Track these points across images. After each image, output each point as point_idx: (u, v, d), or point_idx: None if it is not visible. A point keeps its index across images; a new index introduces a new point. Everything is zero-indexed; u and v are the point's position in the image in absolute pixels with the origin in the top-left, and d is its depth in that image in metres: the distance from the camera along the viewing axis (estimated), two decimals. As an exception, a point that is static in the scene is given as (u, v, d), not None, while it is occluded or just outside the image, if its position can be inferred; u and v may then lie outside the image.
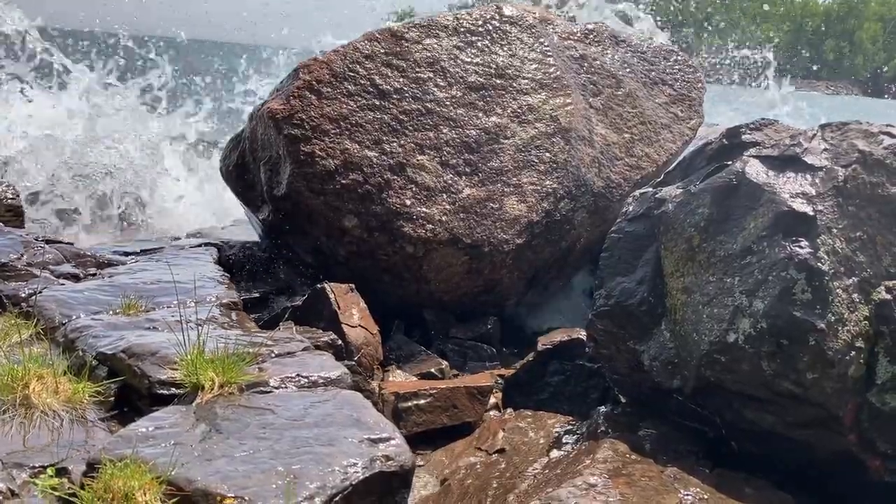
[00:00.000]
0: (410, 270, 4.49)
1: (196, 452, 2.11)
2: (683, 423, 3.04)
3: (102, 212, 6.54)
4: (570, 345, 3.99)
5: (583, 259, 5.14)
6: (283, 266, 4.90)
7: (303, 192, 4.44)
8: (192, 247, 4.80)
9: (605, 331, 3.25)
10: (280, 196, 4.56)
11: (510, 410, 3.86)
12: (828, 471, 2.80)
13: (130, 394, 2.62)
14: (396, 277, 4.52)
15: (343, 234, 4.45)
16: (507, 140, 4.72)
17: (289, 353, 2.87)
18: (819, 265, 2.68)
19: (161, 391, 2.53)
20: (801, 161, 2.92)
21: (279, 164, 4.58)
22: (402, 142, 4.55)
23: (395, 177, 4.47)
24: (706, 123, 5.80)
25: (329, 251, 4.56)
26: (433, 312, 4.71)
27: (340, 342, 3.54)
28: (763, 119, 3.36)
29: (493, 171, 4.63)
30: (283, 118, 4.47)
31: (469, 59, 4.84)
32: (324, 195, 4.42)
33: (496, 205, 4.56)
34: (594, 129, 5.10)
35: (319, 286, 3.93)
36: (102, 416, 2.49)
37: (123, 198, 6.65)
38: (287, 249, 4.82)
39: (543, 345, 4.07)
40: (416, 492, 3.11)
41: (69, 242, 4.37)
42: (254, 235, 5.32)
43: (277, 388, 2.56)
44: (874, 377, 2.65)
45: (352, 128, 4.50)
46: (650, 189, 3.41)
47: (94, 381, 2.57)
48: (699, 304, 2.91)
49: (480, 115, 4.73)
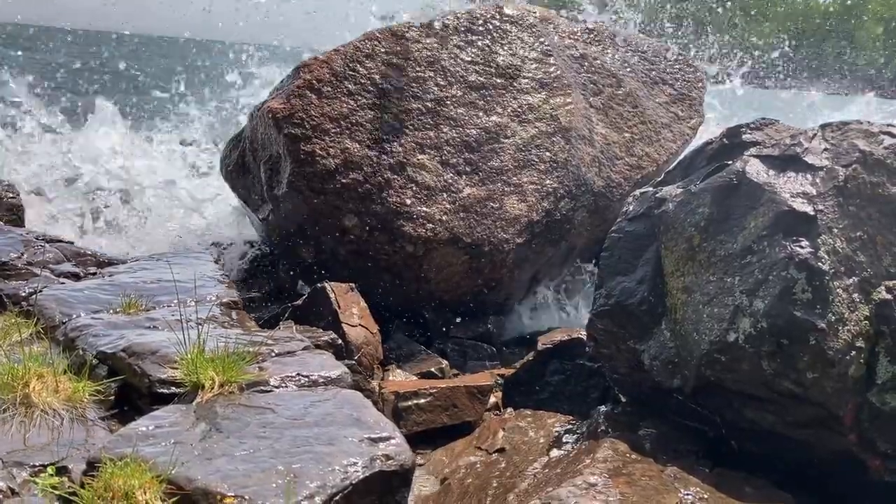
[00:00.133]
0: (410, 270, 4.49)
1: (196, 451, 2.11)
2: (683, 423, 3.04)
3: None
4: (571, 344, 3.99)
5: (583, 258, 5.15)
6: (284, 265, 4.90)
7: (303, 192, 4.44)
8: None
9: (606, 330, 3.25)
10: (280, 195, 4.56)
11: (510, 410, 3.86)
12: (828, 470, 2.79)
13: (130, 393, 2.62)
14: (396, 277, 4.52)
15: (343, 234, 4.45)
16: (508, 139, 4.71)
17: (289, 353, 2.87)
18: (819, 265, 2.68)
19: (161, 390, 2.53)
20: (802, 161, 2.91)
21: (279, 164, 4.58)
22: (403, 141, 4.54)
23: (396, 176, 4.47)
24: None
25: (329, 250, 4.55)
26: (433, 312, 4.71)
27: (340, 341, 3.54)
28: (763, 119, 3.35)
29: (494, 171, 4.63)
30: (284, 117, 4.47)
31: (469, 59, 4.84)
32: (324, 194, 4.42)
33: (496, 204, 4.56)
34: (594, 129, 5.09)
35: (319, 285, 3.93)
36: (102, 415, 2.49)
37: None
38: (287, 248, 4.82)
39: (543, 344, 4.06)
40: (416, 491, 3.11)
41: (69, 241, 4.36)
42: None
43: (278, 388, 2.56)
44: (874, 377, 2.65)
45: (352, 127, 4.50)
46: (650, 188, 3.40)
47: (95, 380, 2.57)
48: (699, 304, 2.91)
49: (481, 115, 4.73)
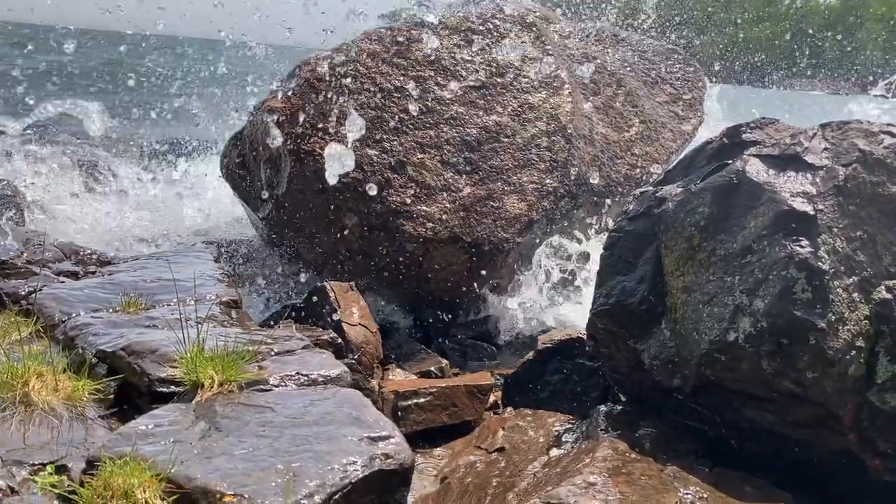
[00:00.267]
0: (410, 269, 4.49)
1: (196, 450, 2.11)
2: (683, 422, 3.03)
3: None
4: (570, 343, 3.98)
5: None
6: (284, 264, 4.90)
7: (303, 191, 4.44)
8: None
9: (605, 329, 3.24)
10: (280, 194, 4.56)
11: (510, 409, 3.85)
12: (828, 470, 2.79)
13: (130, 391, 2.62)
14: (396, 276, 4.52)
15: (343, 233, 4.45)
16: (508, 139, 4.71)
17: (288, 352, 2.86)
18: (819, 264, 2.68)
19: (161, 389, 2.53)
20: (802, 160, 2.91)
21: (279, 163, 4.58)
22: (403, 140, 4.54)
23: (396, 175, 4.47)
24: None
25: (329, 250, 4.55)
26: (433, 311, 4.71)
27: (340, 340, 3.54)
28: (763, 118, 3.34)
29: (494, 170, 4.63)
30: (284, 116, 4.47)
31: (470, 58, 4.84)
32: (324, 193, 4.41)
33: (497, 203, 4.56)
34: (595, 128, 5.09)
35: (319, 284, 3.93)
36: (102, 414, 2.49)
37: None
38: (287, 248, 4.82)
39: (543, 343, 4.06)
40: (416, 490, 3.10)
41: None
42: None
43: (277, 386, 2.56)
44: (874, 376, 2.64)
45: (352, 126, 4.50)
46: (650, 188, 3.40)
47: (94, 379, 2.57)
48: (699, 303, 2.90)
49: (481, 114, 4.72)
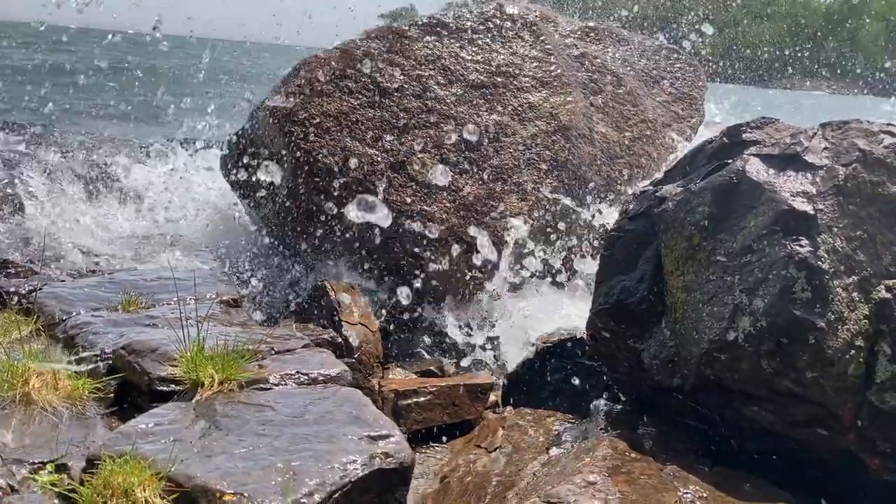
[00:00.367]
0: (411, 268, 4.49)
1: (196, 449, 2.11)
2: (683, 422, 3.03)
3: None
4: (570, 343, 3.98)
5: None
6: (284, 263, 4.90)
7: (303, 190, 4.44)
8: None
9: (605, 329, 3.24)
10: (280, 193, 4.56)
11: (510, 408, 3.85)
12: (827, 469, 2.79)
13: (130, 390, 2.62)
14: (397, 275, 4.52)
15: (343, 232, 4.45)
16: (508, 138, 4.71)
17: (288, 350, 2.87)
18: (819, 264, 2.68)
19: (161, 388, 2.53)
20: (802, 160, 2.91)
21: (280, 162, 4.58)
22: (403, 139, 4.54)
23: (396, 174, 4.47)
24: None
25: (329, 249, 4.56)
26: (433, 309, 4.71)
27: (340, 339, 3.54)
28: (763, 118, 3.34)
29: (494, 169, 4.63)
30: (284, 115, 4.47)
31: (470, 57, 4.84)
32: (324, 192, 4.42)
33: (497, 203, 4.56)
34: (595, 128, 5.09)
35: (319, 283, 3.93)
36: (102, 413, 2.49)
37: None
38: (287, 247, 4.82)
39: (543, 343, 4.06)
40: (416, 489, 3.11)
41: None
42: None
43: (277, 385, 2.56)
44: (874, 376, 2.64)
45: (352, 125, 4.50)
46: (651, 187, 3.40)
47: (94, 378, 2.57)
48: (699, 303, 2.90)
49: (481, 113, 4.73)
